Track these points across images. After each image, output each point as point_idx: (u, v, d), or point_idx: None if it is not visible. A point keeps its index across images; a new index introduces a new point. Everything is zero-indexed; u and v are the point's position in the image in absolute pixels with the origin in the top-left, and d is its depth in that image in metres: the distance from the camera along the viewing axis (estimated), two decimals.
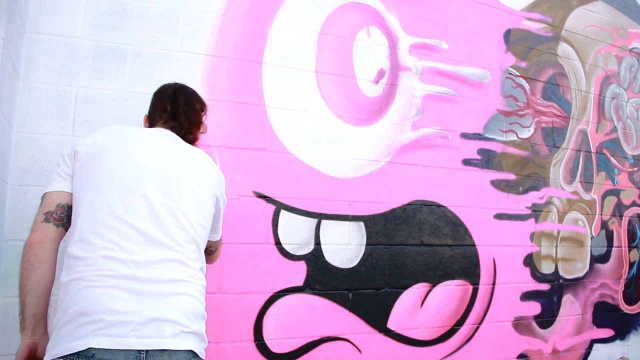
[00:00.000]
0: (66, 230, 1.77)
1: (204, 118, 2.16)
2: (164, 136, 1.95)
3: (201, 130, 2.14)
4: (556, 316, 3.72)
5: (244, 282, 2.68)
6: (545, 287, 3.68)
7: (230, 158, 2.73)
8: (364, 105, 3.13)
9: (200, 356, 1.66)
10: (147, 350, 1.52)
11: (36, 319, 1.67)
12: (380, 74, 3.22)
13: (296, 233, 2.84)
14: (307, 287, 2.83)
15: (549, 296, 3.70)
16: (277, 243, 2.78)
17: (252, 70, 2.87)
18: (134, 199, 1.69)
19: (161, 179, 1.76)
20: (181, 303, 1.64)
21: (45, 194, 1.79)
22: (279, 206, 2.81)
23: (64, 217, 1.75)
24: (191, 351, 1.61)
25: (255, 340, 2.67)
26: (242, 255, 2.69)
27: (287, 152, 2.88)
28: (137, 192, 1.71)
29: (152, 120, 2.09)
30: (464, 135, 3.44)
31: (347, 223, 2.97)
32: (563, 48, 4.16)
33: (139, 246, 1.63)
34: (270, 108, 2.88)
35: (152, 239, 1.66)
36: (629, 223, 4.31)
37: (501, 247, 3.49)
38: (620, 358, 4.13)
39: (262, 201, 2.78)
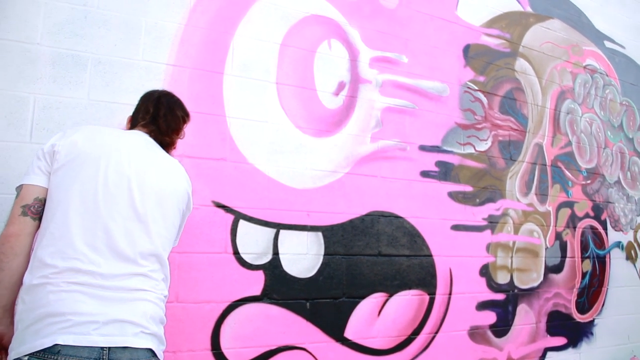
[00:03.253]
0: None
1: (184, 126, 2.21)
2: (143, 143, 1.99)
3: (179, 136, 2.20)
4: (511, 325, 3.81)
5: (202, 291, 2.68)
6: (500, 296, 3.77)
7: (190, 167, 2.72)
8: (323, 117, 3.17)
9: (158, 356, 1.78)
10: (109, 347, 1.62)
11: (4, 310, 1.71)
12: (341, 86, 3.27)
13: (254, 243, 2.85)
14: (265, 296, 2.84)
15: (504, 306, 3.78)
16: (236, 252, 2.79)
17: (213, 81, 2.88)
18: (107, 212, 1.76)
19: (135, 192, 1.83)
20: (142, 307, 1.74)
21: (22, 185, 1.82)
22: (238, 216, 2.83)
23: (40, 211, 1.79)
24: (150, 350, 1.73)
25: (212, 350, 2.67)
26: (200, 264, 2.69)
27: (247, 162, 2.90)
28: (111, 205, 1.77)
29: (135, 121, 2.14)
30: (423, 148, 3.50)
31: (305, 233, 3.00)
32: (520, 63, 4.28)
33: (107, 260, 1.71)
34: (231, 118, 2.89)
35: (119, 254, 1.74)
36: (582, 234, 4.44)
37: (458, 257, 3.56)
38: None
39: (221, 211, 2.79)
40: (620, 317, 4.65)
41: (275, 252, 2.90)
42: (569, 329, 4.22)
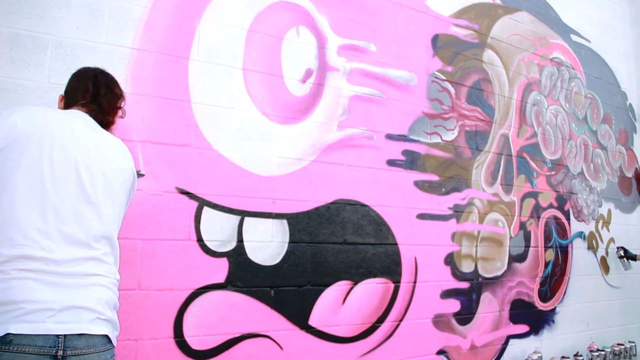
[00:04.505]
0: None
1: (122, 104, 2.14)
2: (84, 123, 1.93)
3: (119, 115, 2.13)
4: (475, 313, 3.86)
5: (164, 278, 2.65)
6: (464, 285, 3.82)
7: (153, 153, 2.69)
8: (290, 104, 3.15)
9: (113, 342, 1.76)
10: (65, 335, 1.59)
11: None
12: (308, 73, 3.25)
13: (219, 230, 2.83)
14: (229, 284, 2.82)
15: (468, 294, 3.83)
16: (200, 240, 2.77)
17: (178, 66, 2.84)
18: (56, 195, 1.71)
19: (83, 173, 1.78)
20: (97, 293, 1.72)
21: None
22: (202, 203, 2.80)
23: None
24: (106, 336, 1.71)
25: (175, 337, 2.64)
26: (163, 251, 2.66)
27: (212, 148, 2.87)
28: (59, 188, 1.73)
29: (72, 100, 2.04)
30: (389, 137, 3.51)
31: (270, 221, 2.98)
32: (488, 55, 4.31)
33: (58, 245, 1.67)
34: (196, 104, 2.85)
35: (72, 238, 1.70)
36: (546, 224, 4.52)
37: (423, 246, 3.59)
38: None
39: (184, 197, 2.76)
40: (581, 305, 4.75)
41: (240, 240, 2.89)
42: (532, 316, 4.30)
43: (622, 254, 5.13)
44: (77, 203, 1.75)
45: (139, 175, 2.62)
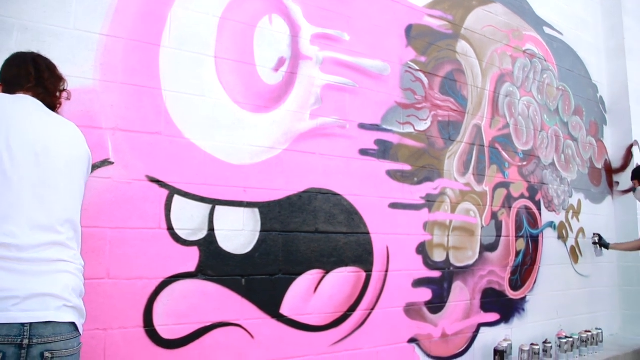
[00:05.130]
0: None
1: (65, 86, 2.09)
2: (35, 107, 1.90)
3: (66, 97, 2.09)
4: (446, 302, 3.90)
5: (134, 267, 2.62)
6: (436, 274, 3.85)
7: (123, 141, 2.66)
8: (262, 93, 3.13)
9: (80, 330, 1.75)
10: (31, 323, 1.57)
11: None
12: (281, 62, 3.23)
13: (189, 218, 2.81)
14: (200, 272, 2.81)
15: (440, 283, 3.87)
16: (170, 228, 2.74)
17: (149, 53, 2.80)
18: (17, 180, 1.68)
19: (42, 157, 1.76)
20: (64, 280, 1.70)
21: None
22: (173, 191, 2.77)
23: None
24: (73, 324, 1.70)
25: (145, 327, 2.62)
26: (133, 240, 2.63)
27: (183, 136, 2.84)
28: (20, 173, 1.69)
29: (14, 86, 1.96)
30: (362, 126, 3.52)
31: (241, 209, 2.97)
32: (462, 46, 4.34)
33: (23, 230, 1.64)
34: (167, 92, 2.82)
35: (36, 223, 1.68)
36: (517, 214, 4.58)
37: (395, 235, 3.61)
38: None
39: (155, 186, 2.73)
40: (551, 294, 4.84)
41: (211, 228, 2.87)
42: (502, 305, 4.36)
43: (597, 240, 5.22)
44: (38, 187, 1.72)
45: (108, 163, 2.60)
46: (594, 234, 5.27)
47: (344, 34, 3.54)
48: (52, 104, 1.99)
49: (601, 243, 5.22)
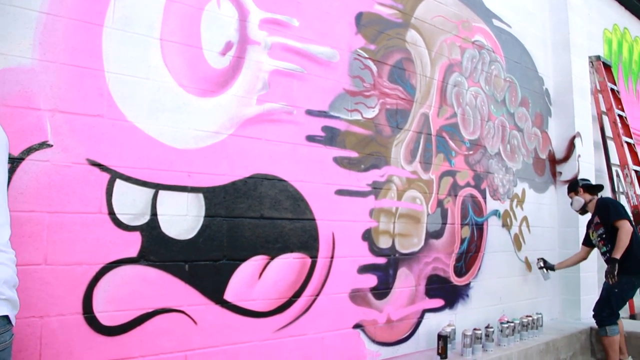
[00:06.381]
0: None
1: None
2: None
3: None
4: (391, 288, 3.96)
5: (73, 253, 2.56)
6: (382, 260, 3.90)
7: (62, 123, 2.58)
8: (209, 77, 3.09)
9: (12, 322, 1.68)
10: None
11: None
12: (228, 46, 3.19)
13: (131, 203, 2.75)
14: (142, 258, 2.76)
15: (385, 269, 3.92)
16: (111, 213, 2.68)
17: (91, 33, 2.71)
18: None
19: None
20: None
21: None
22: (114, 175, 2.71)
23: None
24: (6, 317, 1.63)
25: (84, 313, 2.56)
26: (72, 225, 2.56)
27: (126, 119, 2.77)
28: None
29: None
30: (310, 112, 3.52)
31: (185, 194, 2.93)
32: (411, 35, 4.37)
33: None
34: (110, 73, 2.74)
35: None
36: (463, 202, 4.67)
37: (341, 222, 3.64)
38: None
39: (96, 169, 2.66)
40: (495, 280, 4.96)
41: (154, 213, 2.82)
42: (447, 291, 4.45)
43: (542, 265, 5.39)
44: None
45: (47, 145, 2.52)
46: (538, 259, 5.46)
47: (293, 20, 3.52)
48: None
49: (546, 266, 5.40)
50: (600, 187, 5.14)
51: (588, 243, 5.17)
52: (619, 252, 4.48)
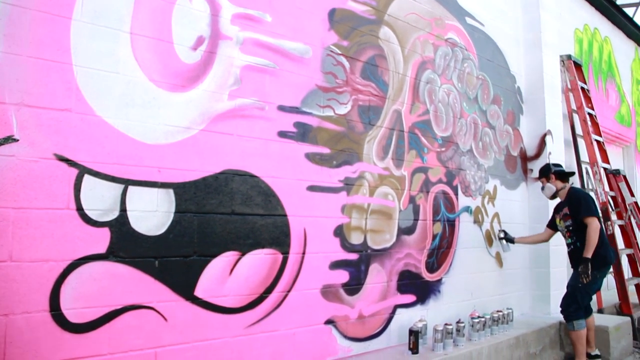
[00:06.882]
0: None
1: None
2: None
3: None
4: (363, 284, 3.97)
5: (40, 249, 2.52)
6: (353, 256, 3.91)
7: (29, 117, 2.53)
8: (180, 72, 3.06)
9: None
10: None
11: None
12: (200, 41, 3.17)
13: (100, 199, 2.72)
14: (111, 254, 2.74)
15: (357, 265, 3.93)
16: (79, 209, 2.65)
17: (59, 26, 2.67)
18: None
19: None
20: None
21: None
22: (83, 170, 2.68)
23: None
24: None
25: (51, 311, 2.53)
26: (39, 220, 2.53)
27: (94, 114, 2.74)
28: None
29: None
30: (281, 108, 3.51)
31: (155, 190, 2.91)
32: (384, 32, 4.39)
33: None
34: (78, 67, 2.71)
35: None
36: (435, 198, 4.70)
37: (313, 217, 3.64)
38: None
39: (63, 164, 2.62)
40: (466, 276, 5.01)
41: (123, 209, 2.80)
42: (418, 287, 4.49)
43: (503, 236, 5.46)
44: None
45: (12, 140, 2.48)
46: (499, 231, 5.52)
47: (266, 15, 3.51)
48: None
49: (507, 238, 5.47)
50: (571, 174, 5.20)
51: (552, 227, 5.26)
52: (590, 251, 4.56)
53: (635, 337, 5.86)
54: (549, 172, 5.12)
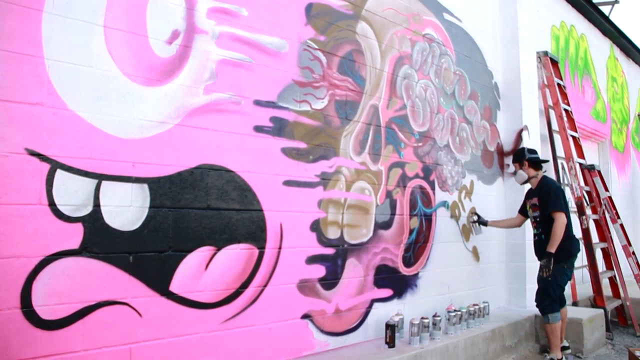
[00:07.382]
0: None
1: None
2: None
3: None
4: (340, 278, 3.99)
5: (10, 245, 2.49)
6: (330, 251, 3.92)
7: None
8: (154, 65, 3.04)
9: None
10: None
11: None
12: (175, 34, 3.14)
13: (73, 194, 2.69)
14: (84, 250, 2.71)
15: (334, 260, 3.95)
16: (52, 204, 2.62)
17: (30, 18, 2.63)
18: None
19: None
20: None
21: None
22: (55, 165, 2.64)
23: None
24: None
25: (22, 308, 2.50)
26: (9, 216, 2.49)
27: (67, 108, 2.70)
28: None
29: None
30: (258, 103, 3.50)
31: (129, 185, 2.88)
32: (362, 27, 4.39)
33: None
34: (50, 61, 2.67)
35: None
36: (412, 193, 4.73)
37: (289, 212, 3.64)
38: None
39: (35, 159, 2.59)
40: (443, 270, 5.05)
41: (97, 204, 2.77)
42: (395, 281, 4.51)
43: (475, 219, 5.51)
44: None
45: None
46: (472, 213, 5.56)
47: (242, 9, 3.49)
48: None
49: (479, 221, 5.52)
50: (545, 161, 5.25)
51: (524, 212, 5.31)
52: (554, 246, 4.60)
53: (608, 329, 5.95)
54: (522, 159, 5.14)
